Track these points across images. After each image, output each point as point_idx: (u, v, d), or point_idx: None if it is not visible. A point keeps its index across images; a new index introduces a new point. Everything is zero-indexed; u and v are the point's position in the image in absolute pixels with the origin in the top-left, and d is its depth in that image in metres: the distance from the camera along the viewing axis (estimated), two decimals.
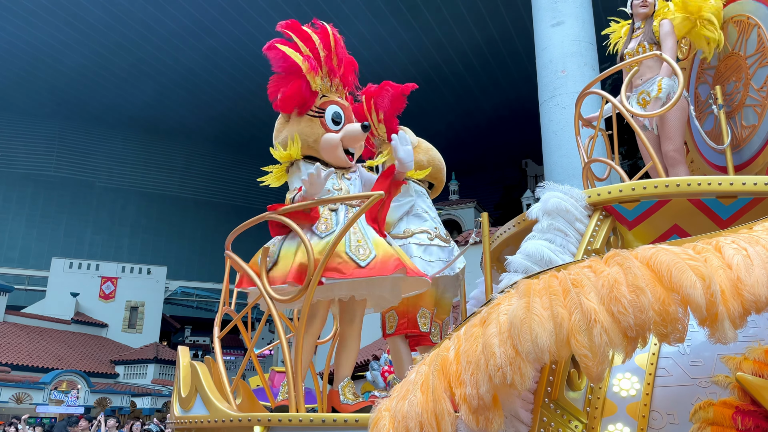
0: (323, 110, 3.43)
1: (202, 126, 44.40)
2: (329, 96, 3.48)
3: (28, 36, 34.27)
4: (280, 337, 3.05)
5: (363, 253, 3.09)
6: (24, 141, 44.11)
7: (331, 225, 3.21)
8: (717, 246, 2.08)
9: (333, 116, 3.44)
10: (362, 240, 3.16)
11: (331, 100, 3.47)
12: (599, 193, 3.16)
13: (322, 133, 3.40)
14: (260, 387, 9.87)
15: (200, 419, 3.11)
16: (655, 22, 4.37)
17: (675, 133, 4.16)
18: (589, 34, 12.54)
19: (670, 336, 1.91)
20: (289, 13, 30.57)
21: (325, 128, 3.41)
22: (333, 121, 3.43)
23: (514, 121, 39.33)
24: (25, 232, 44.33)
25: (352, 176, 3.49)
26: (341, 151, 3.42)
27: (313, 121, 3.42)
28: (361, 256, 3.08)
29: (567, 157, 11.29)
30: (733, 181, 3.01)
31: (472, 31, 33.02)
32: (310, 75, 3.37)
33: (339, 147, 3.41)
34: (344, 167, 3.47)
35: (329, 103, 3.45)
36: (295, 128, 3.42)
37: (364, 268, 3.04)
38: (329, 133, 3.40)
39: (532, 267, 2.88)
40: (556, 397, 2.36)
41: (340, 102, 3.50)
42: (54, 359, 29.25)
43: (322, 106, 3.44)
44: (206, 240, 46.61)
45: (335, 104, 3.47)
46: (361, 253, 3.09)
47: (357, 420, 2.61)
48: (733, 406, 2.07)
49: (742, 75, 4.23)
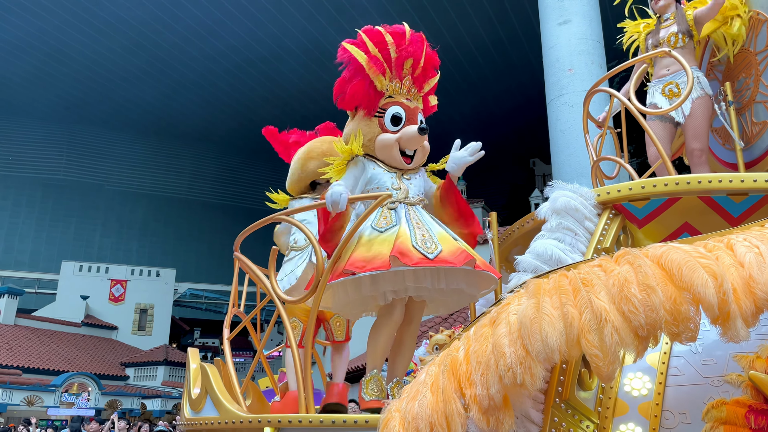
0: (384, 110, 3.41)
1: (210, 129, 44.54)
2: (396, 97, 3.45)
3: (36, 41, 34.50)
4: (289, 339, 3.05)
5: (430, 246, 3.04)
6: (33, 145, 44.42)
7: (390, 220, 3.18)
8: (728, 244, 2.07)
9: (392, 117, 3.40)
10: (427, 235, 3.11)
11: (395, 101, 3.44)
12: (609, 192, 3.14)
13: (378, 133, 3.39)
14: (269, 388, 9.87)
15: (210, 421, 3.11)
16: (689, 11, 4.32)
17: (702, 131, 4.12)
18: (597, 32, 12.49)
19: (682, 335, 1.89)
20: (296, 16, 30.38)
21: (382, 128, 3.39)
22: (392, 122, 3.40)
23: (522, 120, 39.24)
24: (35, 236, 44.63)
25: (412, 177, 3.44)
26: (397, 152, 3.38)
27: (373, 120, 3.41)
28: (428, 249, 3.02)
29: (575, 156, 11.24)
30: (744, 178, 2.98)
31: (478, 31, 32.99)
32: (375, 76, 3.38)
33: (394, 148, 3.37)
34: (400, 168, 3.43)
35: (392, 104, 3.42)
36: (356, 126, 3.45)
37: (432, 260, 2.98)
38: (386, 133, 3.39)
39: (541, 266, 2.87)
40: (567, 397, 2.35)
41: (405, 104, 3.45)
42: (64, 362, 29.42)
43: (384, 106, 3.42)
44: (215, 242, 46.73)
45: (398, 105, 3.43)
46: (428, 246, 3.04)
47: (367, 421, 2.61)
48: (746, 405, 2.06)
49: (753, 71, 4.19)
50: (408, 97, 3.48)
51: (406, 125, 3.38)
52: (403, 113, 3.40)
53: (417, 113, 3.46)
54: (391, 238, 3.03)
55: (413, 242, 3.02)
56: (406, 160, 3.41)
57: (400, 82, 3.46)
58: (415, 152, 3.43)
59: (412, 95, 3.50)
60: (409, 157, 3.42)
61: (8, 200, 44.31)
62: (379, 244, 3.01)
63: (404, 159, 3.40)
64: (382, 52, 3.39)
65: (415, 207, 3.29)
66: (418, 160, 3.45)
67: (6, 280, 39.13)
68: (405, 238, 3.03)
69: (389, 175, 3.37)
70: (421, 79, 3.54)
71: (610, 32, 12.85)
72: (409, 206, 3.27)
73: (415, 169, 3.50)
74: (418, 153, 3.44)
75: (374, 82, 3.38)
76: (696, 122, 4.13)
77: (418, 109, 3.50)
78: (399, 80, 3.46)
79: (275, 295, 3.05)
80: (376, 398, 3.07)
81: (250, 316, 3.69)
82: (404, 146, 3.39)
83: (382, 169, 3.38)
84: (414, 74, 3.49)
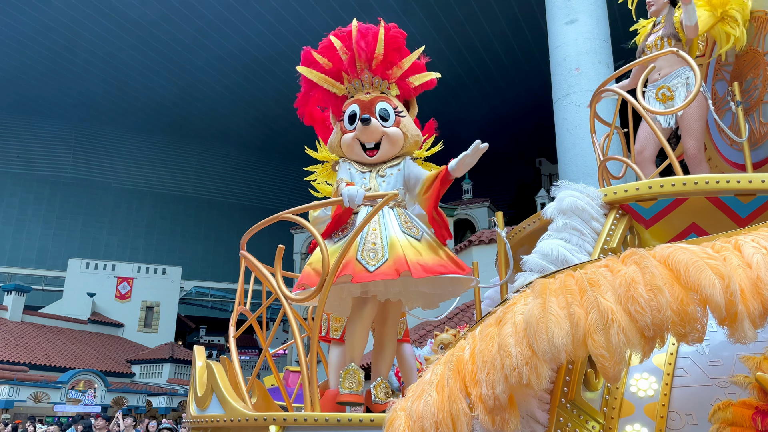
0: (344, 113, 3.47)
1: (216, 127, 44.63)
2: (355, 95, 3.50)
3: (44, 38, 34.64)
4: (295, 337, 3.05)
5: (373, 257, 3.09)
6: (40, 143, 44.61)
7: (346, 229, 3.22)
8: (736, 244, 2.06)
9: (349, 116, 3.46)
10: (378, 242, 3.14)
11: (353, 100, 3.49)
12: (615, 192, 3.13)
13: (341, 135, 3.46)
14: (275, 386, 9.90)
15: (216, 418, 3.12)
16: (676, 14, 4.32)
17: (696, 130, 4.10)
18: (604, 32, 12.45)
19: (689, 336, 1.89)
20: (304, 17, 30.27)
21: (343, 130, 3.45)
22: (349, 121, 3.46)
23: (528, 119, 39.14)
24: (42, 233, 44.85)
25: (387, 172, 3.44)
26: (359, 149, 3.42)
27: (339, 124, 3.50)
28: (371, 260, 3.08)
29: (582, 156, 11.21)
30: (752, 178, 2.97)
31: (485, 30, 32.92)
32: (330, 85, 3.46)
33: (354, 145, 3.43)
34: (370, 164, 3.45)
35: (350, 104, 3.48)
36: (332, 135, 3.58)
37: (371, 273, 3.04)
38: (346, 133, 3.43)
39: (547, 266, 2.86)
40: (573, 397, 2.35)
41: (361, 99, 3.47)
42: (71, 359, 29.55)
43: (344, 108, 3.48)
44: (221, 240, 46.86)
45: (354, 102, 3.47)
46: (371, 257, 3.09)
47: (372, 420, 2.61)
48: (752, 406, 2.05)
49: (760, 71, 4.17)
50: (368, 90, 3.50)
51: None
52: (357, 109, 3.44)
53: (374, 104, 3.45)
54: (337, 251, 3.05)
55: (357, 254, 3.07)
56: (370, 153, 3.42)
57: (358, 79, 3.50)
58: (381, 144, 3.42)
59: (375, 87, 3.52)
60: (372, 149, 3.42)
61: (16, 198, 44.54)
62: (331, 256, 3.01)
63: (368, 153, 3.43)
64: (333, 60, 3.47)
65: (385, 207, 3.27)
66: (385, 151, 3.44)
67: (13, 277, 39.35)
68: (352, 251, 3.07)
69: (360, 176, 3.41)
70: (382, 68, 3.53)
71: (617, 31, 12.82)
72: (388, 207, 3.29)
73: (393, 162, 3.48)
74: (383, 144, 3.43)
75: (332, 90, 3.49)
76: (688, 121, 4.11)
77: (377, 99, 3.47)
78: (357, 78, 3.50)
79: (281, 294, 3.06)
80: (351, 392, 3.09)
81: (255, 314, 3.69)
82: (363, 140, 3.42)
83: (356, 170, 3.43)
84: (372, 66, 3.50)
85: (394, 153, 3.47)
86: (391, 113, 3.45)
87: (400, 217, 3.29)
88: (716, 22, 4.32)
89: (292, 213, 3.14)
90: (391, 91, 3.57)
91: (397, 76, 3.59)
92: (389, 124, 3.44)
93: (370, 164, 3.45)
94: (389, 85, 3.57)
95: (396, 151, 3.48)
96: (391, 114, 3.45)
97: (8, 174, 44.30)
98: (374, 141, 3.42)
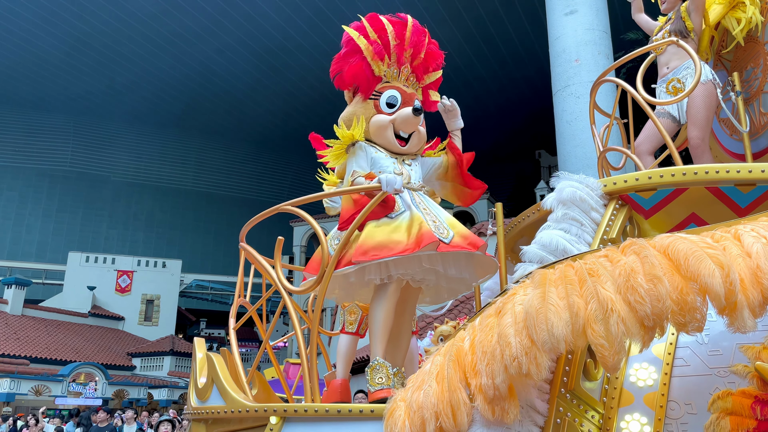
0: (380, 93, 3.43)
1: (215, 120, 44.58)
2: (393, 82, 3.48)
3: (42, 32, 34.52)
4: (295, 329, 3.06)
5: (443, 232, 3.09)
6: (39, 136, 44.56)
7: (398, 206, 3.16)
8: (736, 234, 2.06)
9: (388, 99, 3.41)
10: (437, 221, 3.15)
11: (391, 86, 3.46)
12: (615, 182, 3.13)
13: (373, 114, 3.40)
14: (275, 378, 9.93)
15: (217, 409, 3.13)
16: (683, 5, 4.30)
17: (701, 119, 4.08)
18: (603, 23, 12.41)
19: (688, 325, 1.89)
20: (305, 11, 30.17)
21: (377, 110, 3.41)
22: (387, 105, 3.41)
23: (527, 111, 39.10)
24: (42, 227, 44.87)
25: (412, 162, 3.45)
26: (391, 133, 3.37)
27: (368, 102, 3.44)
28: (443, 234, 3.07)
29: (581, 147, 11.20)
30: (752, 168, 2.96)
31: (483, 21, 32.82)
32: (373, 60, 3.41)
33: (388, 129, 3.37)
34: (396, 152, 3.42)
35: (388, 88, 3.45)
36: (354, 110, 3.47)
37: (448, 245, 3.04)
38: (380, 114, 3.40)
39: (547, 257, 2.87)
40: (572, 387, 2.35)
41: (402, 88, 3.46)
42: (72, 352, 29.61)
43: (380, 90, 3.45)
44: (220, 233, 46.89)
45: (395, 89, 3.44)
46: (441, 231, 3.09)
47: (372, 410, 2.61)
48: (752, 395, 2.05)
49: (761, 61, 4.16)
50: (406, 84, 3.51)
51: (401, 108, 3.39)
52: (398, 96, 3.42)
53: (413, 98, 3.46)
54: (403, 224, 3.03)
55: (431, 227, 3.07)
56: (401, 143, 3.40)
57: (398, 69, 3.49)
58: (411, 136, 3.42)
59: (410, 83, 3.53)
60: (403, 140, 3.41)
61: (15, 191, 44.52)
62: (393, 231, 3.01)
63: (399, 141, 3.40)
64: (382, 38, 3.43)
65: (419, 192, 3.31)
66: (413, 144, 3.44)
67: (13, 270, 39.39)
68: (422, 222, 3.04)
69: (391, 160, 3.37)
70: (421, 69, 3.56)
71: (616, 22, 12.78)
72: (413, 191, 3.28)
73: (414, 156, 3.50)
74: (413, 137, 3.43)
75: (372, 66, 3.41)
76: (694, 110, 4.09)
77: (415, 96, 3.50)
78: (397, 67, 3.49)
79: (281, 286, 3.06)
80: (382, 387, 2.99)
81: (255, 307, 3.69)
82: (399, 128, 3.38)
83: (383, 154, 3.38)
84: (413, 63, 3.52)
85: (416, 150, 3.50)
86: (422, 114, 3.46)
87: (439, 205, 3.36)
88: (727, 12, 4.30)
89: (291, 204, 3.14)
90: (418, 94, 3.58)
91: (426, 83, 3.63)
92: (421, 122, 3.48)
93: (395, 153, 3.43)
94: (418, 87, 3.60)
95: (417, 149, 3.51)
96: (422, 114, 3.47)
97: (8, 168, 44.27)
98: (409, 132, 3.42)
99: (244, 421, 3.00)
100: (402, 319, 3.39)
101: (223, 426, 3.11)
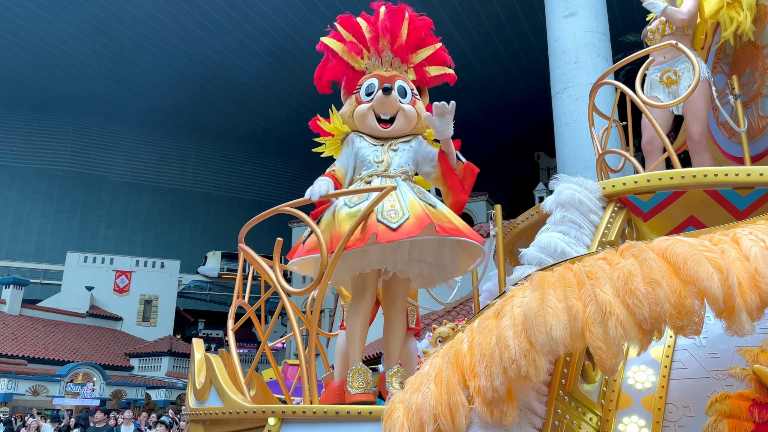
0: (361, 86, 3.50)
1: (214, 121, 44.56)
2: (374, 71, 3.54)
3: (39, 30, 34.50)
4: (293, 330, 3.06)
5: (394, 216, 3.01)
6: (38, 136, 44.52)
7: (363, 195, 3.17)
8: (734, 237, 2.06)
9: (365, 89, 3.47)
10: (397, 204, 3.08)
11: (371, 75, 3.51)
12: (614, 185, 3.13)
13: (355, 107, 3.48)
14: (273, 379, 9.91)
15: (215, 410, 3.13)
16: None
17: (702, 113, 4.09)
18: (602, 25, 12.40)
19: (686, 328, 1.89)
20: (303, 10, 30.17)
21: (358, 101, 3.47)
22: (366, 94, 3.46)
23: (526, 113, 39.08)
24: (40, 227, 44.81)
25: (400, 147, 3.43)
26: (372, 120, 3.41)
27: (353, 97, 3.52)
28: (392, 219, 2.99)
29: (580, 149, 11.19)
30: (750, 171, 2.97)
31: (483, 23, 32.84)
32: (350, 57, 3.54)
33: (368, 116, 3.41)
34: (382, 137, 3.44)
35: (368, 78, 3.51)
36: (344, 108, 3.60)
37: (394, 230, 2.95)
38: (361, 104, 3.45)
39: (546, 259, 2.87)
40: (571, 389, 2.35)
41: (381, 74, 3.50)
42: (70, 352, 29.58)
43: (361, 82, 3.52)
44: (219, 234, 46.86)
45: (373, 77, 3.49)
46: (392, 216, 3.01)
47: (371, 412, 2.61)
48: (749, 398, 2.06)
49: (759, 64, 4.17)
50: (387, 69, 3.56)
51: None
52: (375, 82, 3.46)
53: (393, 80, 3.48)
54: (356, 213, 3.02)
55: (378, 215, 3.01)
56: (384, 125, 3.42)
57: (378, 57, 3.56)
58: (396, 118, 3.43)
59: (394, 67, 3.58)
60: (386, 122, 3.42)
61: (13, 191, 44.47)
62: (347, 221, 3.03)
63: (382, 125, 3.42)
64: (357, 35, 3.55)
65: (395, 179, 3.27)
66: (399, 125, 3.43)
67: (11, 270, 39.36)
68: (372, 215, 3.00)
69: (372, 149, 3.40)
70: (403, 50, 3.59)
71: (616, 25, 12.77)
72: (387, 179, 3.28)
73: (405, 138, 3.48)
74: (398, 118, 3.43)
75: (351, 63, 3.54)
76: (694, 105, 4.10)
77: (397, 77, 3.51)
78: (378, 56, 3.56)
79: (279, 287, 3.06)
80: (362, 391, 3.05)
81: (254, 308, 3.69)
82: (378, 111, 3.42)
83: (367, 143, 3.43)
84: (394, 47, 3.56)
85: (407, 130, 3.47)
86: (409, 92, 3.48)
87: (413, 188, 3.30)
88: (722, 8, 4.31)
89: (290, 206, 3.14)
90: (409, 74, 3.60)
91: (416, 62, 3.64)
92: (406, 101, 3.45)
93: (382, 138, 3.44)
94: (408, 68, 3.62)
95: (409, 128, 3.48)
96: (409, 92, 3.48)
97: (6, 167, 44.22)
98: (390, 114, 3.41)
99: (242, 422, 3.00)
100: (392, 309, 3.38)
101: (222, 427, 3.11)
